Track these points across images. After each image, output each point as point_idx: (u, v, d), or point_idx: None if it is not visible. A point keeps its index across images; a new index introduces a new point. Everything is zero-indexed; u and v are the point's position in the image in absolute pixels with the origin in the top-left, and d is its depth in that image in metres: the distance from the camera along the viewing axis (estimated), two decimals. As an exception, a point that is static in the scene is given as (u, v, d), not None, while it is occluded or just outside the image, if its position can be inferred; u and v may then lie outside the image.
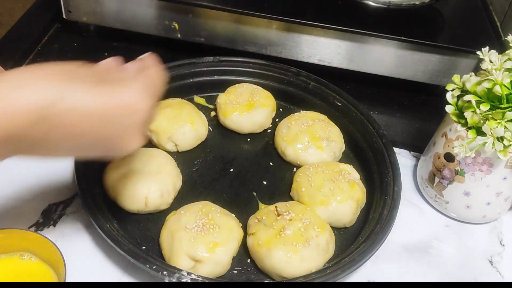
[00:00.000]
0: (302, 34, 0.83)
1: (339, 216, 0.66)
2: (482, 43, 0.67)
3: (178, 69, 0.80)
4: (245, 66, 0.83)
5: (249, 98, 0.78)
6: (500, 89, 0.59)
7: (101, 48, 0.92)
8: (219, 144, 0.77)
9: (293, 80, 0.82)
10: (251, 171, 0.74)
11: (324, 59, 0.85)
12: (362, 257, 0.59)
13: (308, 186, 0.67)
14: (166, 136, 0.73)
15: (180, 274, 0.55)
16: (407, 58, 0.83)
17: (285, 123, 0.77)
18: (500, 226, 0.73)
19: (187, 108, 0.75)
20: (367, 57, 0.84)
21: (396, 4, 0.84)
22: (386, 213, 0.65)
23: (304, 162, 0.73)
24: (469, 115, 0.63)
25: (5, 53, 0.86)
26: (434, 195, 0.71)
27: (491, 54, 0.63)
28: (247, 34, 0.85)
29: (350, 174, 0.70)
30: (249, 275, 0.62)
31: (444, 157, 0.68)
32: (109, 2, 0.85)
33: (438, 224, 0.72)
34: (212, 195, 0.70)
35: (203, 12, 0.83)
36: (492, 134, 0.60)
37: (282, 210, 0.63)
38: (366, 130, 0.76)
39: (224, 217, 0.63)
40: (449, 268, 0.66)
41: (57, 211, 0.66)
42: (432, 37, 0.84)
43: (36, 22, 0.94)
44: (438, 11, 0.90)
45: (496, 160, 0.63)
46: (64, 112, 0.42)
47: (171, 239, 0.60)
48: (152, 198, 0.64)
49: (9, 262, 0.55)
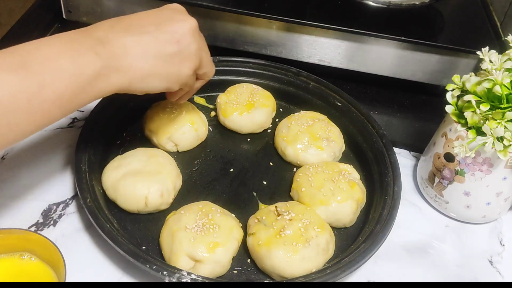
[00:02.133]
0: (302, 34, 0.83)
1: (339, 216, 0.66)
2: (482, 43, 0.67)
3: (178, 69, 0.80)
4: (245, 66, 0.83)
5: (249, 98, 0.78)
6: (500, 89, 0.59)
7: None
8: (219, 144, 0.77)
9: (293, 80, 0.82)
10: (251, 171, 0.74)
11: (324, 59, 0.85)
12: (362, 257, 0.59)
13: (308, 186, 0.67)
14: (166, 136, 0.73)
15: (180, 274, 0.55)
16: (407, 58, 0.83)
17: (285, 123, 0.77)
18: (500, 226, 0.73)
19: (187, 108, 0.75)
20: (367, 57, 0.84)
21: (396, 4, 0.84)
22: (386, 213, 0.65)
23: (304, 162, 0.73)
24: (469, 115, 0.63)
25: (5, 53, 0.86)
26: (434, 195, 0.71)
27: (491, 54, 0.63)
28: (247, 34, 0.85)
29: (350, 174, 0.70)
30: (249, 275, 0.62)
31: (444, 157, 0.68)
32: (109, 2, 0.85)
33: (438, 224, 0.72)
34: (212, 195, 0.70)
35: (203, 12, 0.83)
36: (492, 134, 0.60)
37: (282, 210, 0.63)
38: (366, 130, 0.76)
39: (224, 217, 0.63)
40: (449, 268, 0.66)
41: (57, 211, 0.66)
42: (432, 37, 0.84)
43: (36, 22, 0.94)
44: (438, 11, 0.90)
45: (496, 160, 0.63)
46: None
47: (171, 239, 0.60)
48: (152, 198, 0.64)
49: (9, 262, 0.55)
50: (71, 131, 0.76)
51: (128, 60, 0.53)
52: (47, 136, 0.75)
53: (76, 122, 0.78)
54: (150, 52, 0.55)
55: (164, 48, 0.56)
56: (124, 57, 0.53)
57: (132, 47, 0.53)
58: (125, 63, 0.53)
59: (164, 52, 0.56)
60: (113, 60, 0.52)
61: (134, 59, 0.54)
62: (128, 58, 0.53)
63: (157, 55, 0.55)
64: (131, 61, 0.53)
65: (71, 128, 0.77)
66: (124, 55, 0.53)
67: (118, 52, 0.52)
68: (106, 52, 0.51)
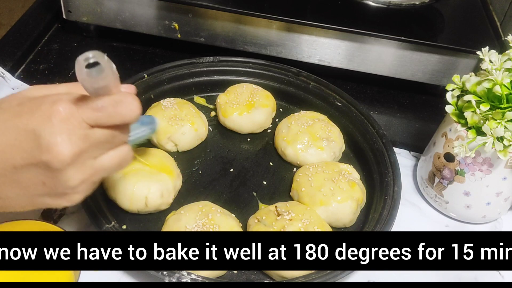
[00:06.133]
0: (302, 34, 0.83)
1: (339, 216, 0.66)
2: (482, 43, 0.67)
3: (178, 69, 0.80)
4: (245, 66, 0.83)
5: (249, 98, 0.78)
6: (500, 89, 0.59)
7: (101, 48, 0.91)
8: (219, 144, 0.77)
9: (293, 80, 0.82)
10: (251, 171, 0.74)
11: (324, 59, 0.85)
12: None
13: (308, 186, 0.67)
14: (166, 136, 0.73)
15: (180, 274, 0.55)
16: (407, 58, 0.83)
17: (285, 123, 0.77)
18: (500, 226, 0.73)
19: (187, 108, 0.75)
20: (367, 57, 0.84)
21: (396, 4, 0.84)
22: (386, 213, 0.65)
23: (304, 162, 0.73)
24: (469, 115, 0.63)
25: (5, 53, 0.86)
26: (434, 195, 0.71)
27: (491, 54, 0.63)
28: (247, 34, 0.85)
29: (350, 174, 0.70)
30: (249, 275, 0.62)
31: (444, 157, 0.68)
32: (109, 2, 0.85)
33: (438, 224, 0.72)
34: (212, 195, 0.70)
35: (203, 12, 0.83)
36: (492, 134, 0.60)
37: (282, 210, 0.63)
38: (366, 130, 0.76)
39: (224, 217, 0.63)
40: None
41: (57, 211, 0.66)
42: (432, 37, 0.84)
43: (36, 22, 0.94)
44: (438, 11, 0.90)
45: (496, 160, 0.63)
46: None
47: (171, 239, 0.60)
48: (152, 198, 0.64)
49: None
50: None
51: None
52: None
53: (76, 122, 0.78)
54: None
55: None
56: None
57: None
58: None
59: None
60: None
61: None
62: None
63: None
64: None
65: (71, 128, 0.77)
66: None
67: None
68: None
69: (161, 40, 0.88)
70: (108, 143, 0.44)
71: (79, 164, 0.42)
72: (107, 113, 0.42)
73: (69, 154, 0.40)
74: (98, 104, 0.42)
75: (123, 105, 0.42)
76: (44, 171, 0.41)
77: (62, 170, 0.41)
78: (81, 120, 0.41)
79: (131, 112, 0.43)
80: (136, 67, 0.87)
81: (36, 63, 0.88)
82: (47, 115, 0.40)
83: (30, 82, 0.83)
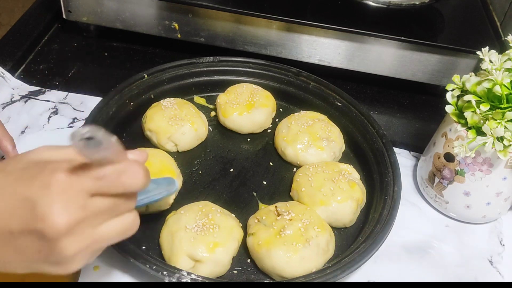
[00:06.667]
0: (302, 34, 0.83)
1: (339, 216, 0.66)
2: (482, 43, 0.67)
3: (178, 69, 0.80)
4: (245, 66, 0.83)
5: (249, 98, 0.78)
6: (500, 89, 0.59)
7: (101, 48, 0.93)
8: (219, 144, 0.77)
9: (293, 80, 0.82)
10: (251, 171, 0.74)
11: (324, 59, 0.85)
12: (362, 257, 0.59)
13: (308, 186, 0.67)
14: (166, 136, 0.73)
15: (180, 274, 0.55)
16: (407, 58, 0.83)
17: (285, 123, 0.77)
18: (500, 226, 0.73)
19: (187, 108, 0.75)
20: (367, 57, 0.84)
21: (396, 4, 0.84)
22: (386, 213, 0.65)
23: (304, 162, 0.73)
24: (469, 115, 0.63)
25: (5, 53, 0.86)
26: (434, 195, 0.71)
27: (491, 54, 0.63)
28: (247, 34, 0.85)
29: (350, 174, 0.70)
30: (249, 275, 0.62)
31: (444, 157, 0.68)
32: (109, 2, 0.85)
33: (438, 224, 0.72)
34: (212, 195, 0.70)
35: (203, 12, 0.83)
36: (492, 134, 0.60)
37: (282, 210, 0.63)
38: (366, 130, 0.76)
39: (224, 217, 0.63)
40: (449, 268, 0.66)
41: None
42: (432, 37, 0.84)
43: (36, 22, 0.94)
44: (438, 11, 0.90)
45: (496, 160, 0.63)
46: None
47: (171, 239, 0.60)
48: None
49: None
50: (71, 131, 0.76)
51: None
52: (47, 136, 0.75)
53: (76, 122, 0.78)
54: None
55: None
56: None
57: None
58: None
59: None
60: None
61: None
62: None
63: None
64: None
65: (71, 128, 0.77)
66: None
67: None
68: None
69: (161, 40, 0.88)
70: (110, 212, 0.43)
71: (76, 234, 0.40)
72: (109, 183, 0.41)
73: (64, 223, 0.39)
74: (100, 173, 0.41)
75: (127, 175, 0.41)
76: (38, 240, 0.40)
77: (56, 239, 0.40)
78: (81, 189, 0.40)
79: (136, 181, 0.42)
80: (136, 67, 0.87)
81: (36, 63, 0.88)
82: (45, 183, 0.40)
83: (30, 82, 0.84)
